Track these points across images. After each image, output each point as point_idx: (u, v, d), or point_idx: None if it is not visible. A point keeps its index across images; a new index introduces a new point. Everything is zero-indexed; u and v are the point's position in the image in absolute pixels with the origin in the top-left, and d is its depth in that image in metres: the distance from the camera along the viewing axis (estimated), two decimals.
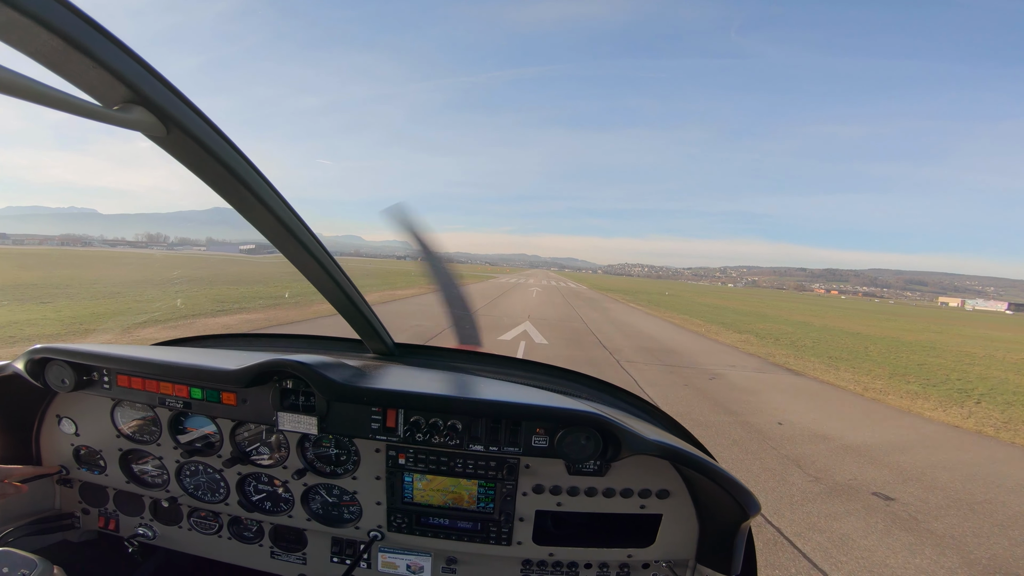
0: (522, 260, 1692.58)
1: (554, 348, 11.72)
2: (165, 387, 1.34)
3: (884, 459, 5.83)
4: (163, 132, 0.77)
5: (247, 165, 0.93)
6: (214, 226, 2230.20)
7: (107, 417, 1.51)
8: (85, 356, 1.34)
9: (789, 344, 16.92)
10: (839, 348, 17.16)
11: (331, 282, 1.37)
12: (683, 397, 8.01)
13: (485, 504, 1.40)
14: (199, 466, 1.51)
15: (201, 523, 1.57)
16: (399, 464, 1.39)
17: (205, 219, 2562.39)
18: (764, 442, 6.07)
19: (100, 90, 0.66)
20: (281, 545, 1.54)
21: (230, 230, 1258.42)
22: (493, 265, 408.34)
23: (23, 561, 1.09)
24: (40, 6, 0.51)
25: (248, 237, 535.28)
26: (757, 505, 1.19)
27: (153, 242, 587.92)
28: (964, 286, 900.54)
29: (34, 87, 0.51)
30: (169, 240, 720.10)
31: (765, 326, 23.63)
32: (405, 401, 1.27)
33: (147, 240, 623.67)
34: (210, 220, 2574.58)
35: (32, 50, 0.55)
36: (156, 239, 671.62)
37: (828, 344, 18.07)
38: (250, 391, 1.30)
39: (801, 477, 5.04)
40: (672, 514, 1.39)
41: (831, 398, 9.16)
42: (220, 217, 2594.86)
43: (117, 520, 1.61)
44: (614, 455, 1.23)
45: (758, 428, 6.64)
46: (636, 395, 1.71)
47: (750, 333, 19.43)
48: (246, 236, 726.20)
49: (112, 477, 1.56)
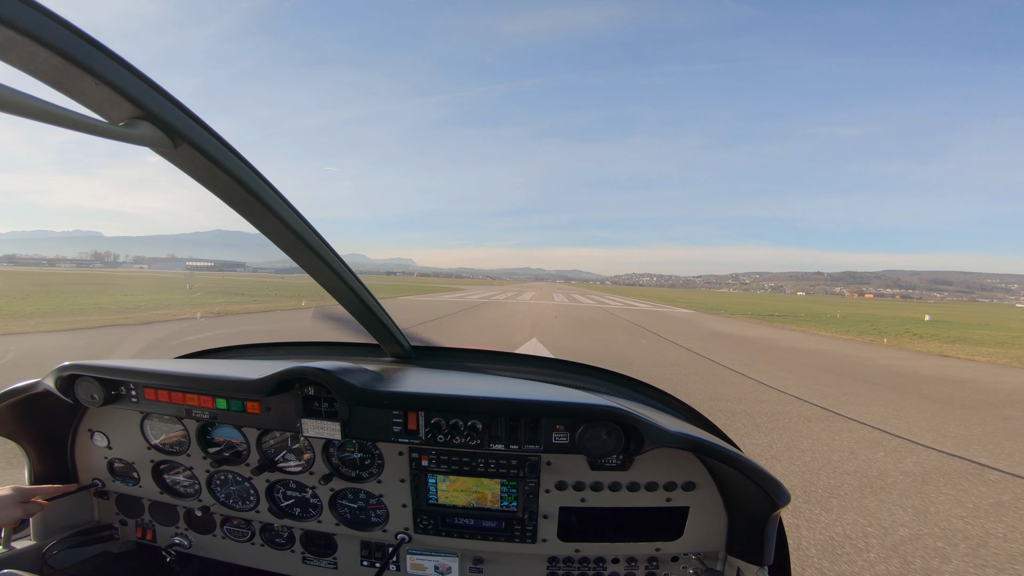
0: (527, 274, 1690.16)
1: None
2: (191, 399, 1.40)
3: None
4: (170, 146, 0.79)
5: (255, 176, 0.96)
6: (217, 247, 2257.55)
7: (137, 430, 1.58)
8: (112, 371, 1.41)
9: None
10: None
11: (346, 288, 1.44)
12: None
13: (508, 503, 1.43)
14: (229, 475, 1.57)
15: (234, 531, 1.62)
16: (422, 466, 1.42)
17: (207, 240, 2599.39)
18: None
19: (105, 107, 0.68)
20: (312, 550, 1.58)
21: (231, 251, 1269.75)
22: (494, 279, 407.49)
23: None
24: (36, 24, 0.52)
25: (242, 258, 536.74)
26: (787, 495, 1.19)
27: (98, 260, 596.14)
28: (990, 284, 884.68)
29: (40, 106, 0.53)
30: (119, 259, 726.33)
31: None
32: (425, 403, 1.31)
33: (92, 258, 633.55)
34: (211, 242, 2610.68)
35: (33, 69, 0.57)
36: (101, 257, 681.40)
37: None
38: (273, 399, 1.35)
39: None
40: (699, 506, 1.39)
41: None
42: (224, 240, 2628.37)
43: (154, 530, 1.68)
44: (637, 449, 1.24)
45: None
46: (656, 387, 1.71)
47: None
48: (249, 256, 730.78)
49: (146, 488, 1.62)
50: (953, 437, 6.29)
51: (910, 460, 5.26)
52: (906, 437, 6.16)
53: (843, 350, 16.08)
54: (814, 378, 10.16)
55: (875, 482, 4.56)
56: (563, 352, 12.16)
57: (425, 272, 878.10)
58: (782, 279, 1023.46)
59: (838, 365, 12.47)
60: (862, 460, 5.18)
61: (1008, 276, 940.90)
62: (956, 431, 6.59)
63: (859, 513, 3.88)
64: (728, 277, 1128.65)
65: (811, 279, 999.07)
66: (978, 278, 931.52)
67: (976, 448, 5.83)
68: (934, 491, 4.40)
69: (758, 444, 5.52)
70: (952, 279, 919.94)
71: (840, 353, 15.18)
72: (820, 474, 4.71)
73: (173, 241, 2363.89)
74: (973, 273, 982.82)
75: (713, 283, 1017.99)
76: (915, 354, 15.91)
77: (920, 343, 19.33)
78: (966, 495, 4.35)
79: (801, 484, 4.42)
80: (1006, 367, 13.69)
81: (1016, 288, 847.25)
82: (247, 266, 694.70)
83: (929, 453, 5.57)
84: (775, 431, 6.08)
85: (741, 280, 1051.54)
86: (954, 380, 11.00)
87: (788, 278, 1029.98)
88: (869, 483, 4.53)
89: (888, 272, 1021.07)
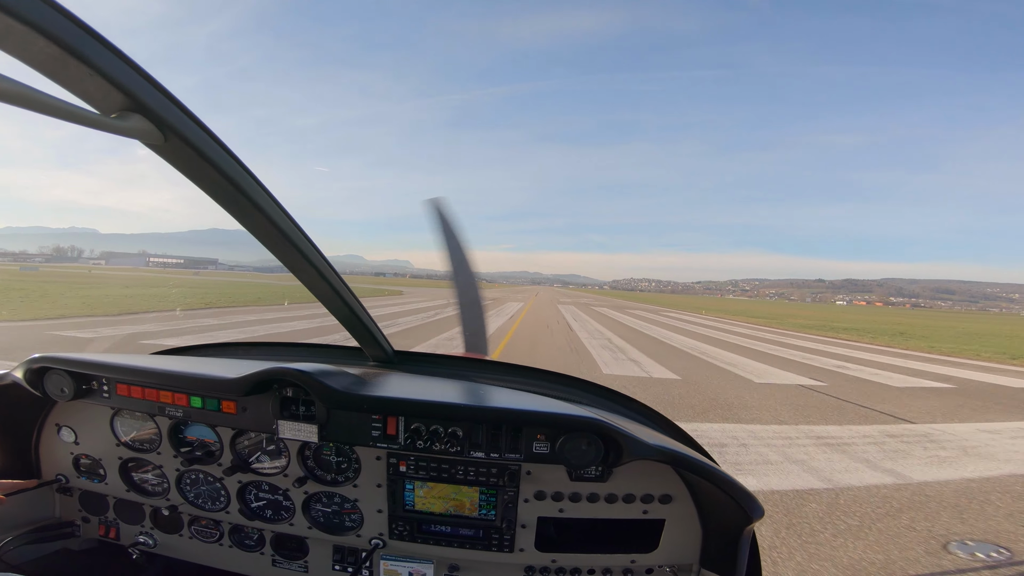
0: (524, 277, 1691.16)
1: None
2: (165, 396, 1.39)
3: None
4: (161, 140, 0.79)
5: (245, 173, 0.96)
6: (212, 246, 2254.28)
7: (107, 426, 1.57)
8: (84, 365, 1.40)
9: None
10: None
11: (330, 290, 1.43)
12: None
13: (487, 511, 1.43)
14: (199, 475, 1.56)
15: (202, 531, 1.61)
16: (400, 472, 1.42)
17: (201, 239, 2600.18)
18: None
19: (98, 98, 0.68)
20: (283, 553, 1.58)
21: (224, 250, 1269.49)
22: (489, 282, 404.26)
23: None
24: (37, 13, 0.52)
25: (233, 258, 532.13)
26: (761, 509, 1.21)
27: (60, 255, 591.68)
28: (991, 294, 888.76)
29: (32, 95, 0.53)
30: (83, 254, 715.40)
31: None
32: (405, 408, 1.31)
33: (54, 253, 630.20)
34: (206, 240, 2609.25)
35: (29, 57, 0.57)
36: (64, 252, 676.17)
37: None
38: (250, 400, 1.35)
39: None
40: (675, 519, 1.41)
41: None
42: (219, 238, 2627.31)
43: (118, 528, 1.66)
44: (615, 460, 1.25)
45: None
46: (636, 400, 1.73)
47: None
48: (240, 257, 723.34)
49: (112, 486, 1.61)
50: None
51: None
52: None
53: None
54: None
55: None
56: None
57: (418, 274, 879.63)
58: (782, 286, 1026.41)
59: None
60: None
61: (1009, 286, 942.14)
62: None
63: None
64: (727, 284, 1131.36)
65: (812, 287, 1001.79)
66: (979, 287, 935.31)
67: None
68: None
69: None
70: (954, 288, 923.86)
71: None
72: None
73: (168, 239, 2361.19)
74: (974, 282, 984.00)
75: (713, 289, 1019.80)
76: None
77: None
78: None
79: None
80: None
81: (1018, 298, 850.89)
82: (220, 264, 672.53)
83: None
84: None
85: (741, 287, 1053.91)
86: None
87: (789, 285, 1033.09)
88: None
89: (889, 280, 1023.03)
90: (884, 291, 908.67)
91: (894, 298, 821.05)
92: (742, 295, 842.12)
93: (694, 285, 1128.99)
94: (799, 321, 43.23)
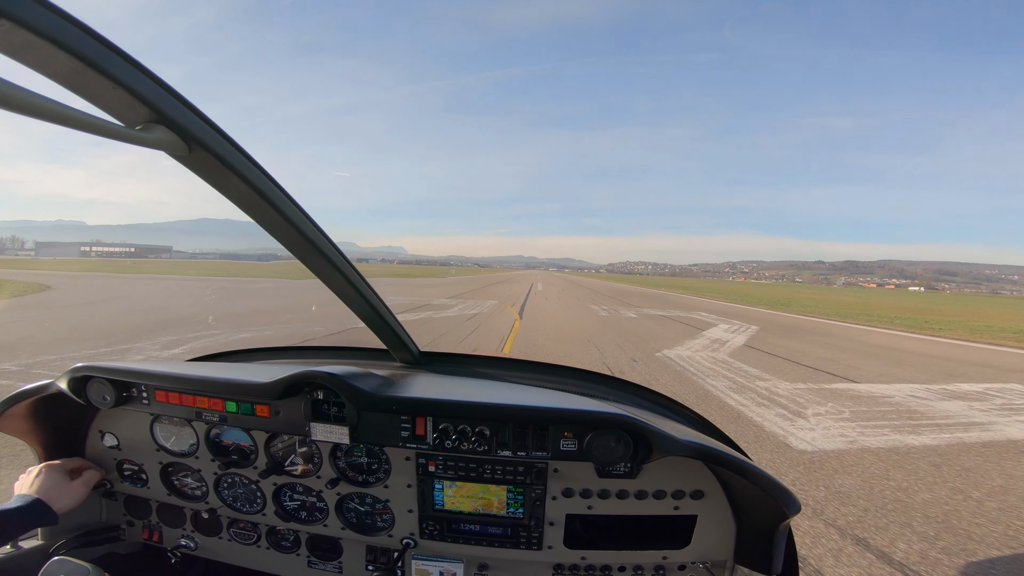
0: (519, 262, 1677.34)
1: None
2: (201, 401, 1.43)
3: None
4: (186, 151, 0.81)
5: (268, 180, 0.99)
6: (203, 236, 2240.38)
7: (147, 431, 1.61)
8: (124, 373, 1.45)
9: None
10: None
11: (356, 293, 1.46)
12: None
13: (515, 509, 1.45)
14: (236, 478, 1.60)
15: (240, 534, 1.66)
16: (429, 472, 1.45)
17: (192, 229, 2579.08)
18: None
19: (121, 110, 0.70)
20: (317, 554, 1.62)
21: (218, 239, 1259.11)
22: (483, 267, 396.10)
23: (76, 569, 1.19)
24: (56, 28, 0.54)
25: (219, 247, 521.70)
26: (797, 505, 1.21)
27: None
28: (991, 275, 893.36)
29: (58, 109, 0.54)
30: (26, 245, 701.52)
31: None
32: (433, 409, 1.34)
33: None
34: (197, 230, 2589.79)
35: (52, 72, 0.58)
36: (2, 243, 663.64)
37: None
38: (282, 403, 1.38)
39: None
40: (708, 515, 1.41)
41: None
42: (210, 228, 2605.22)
43: (160, 532, 1.71)
44: (645, 457, 1.26)
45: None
46: (665, 395, 1.74)
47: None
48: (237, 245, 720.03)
49: (154, 490, 1.66)
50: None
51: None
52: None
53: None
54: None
55: None
56: None
57: (407, 260, 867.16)
58: (783, 268, 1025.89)
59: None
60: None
61: (1007, 267, 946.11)
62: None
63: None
64: (724, 266, 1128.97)
65: (812, 268, 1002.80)
66: (979, 269, 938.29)
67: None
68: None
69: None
70: (956, 270, 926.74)
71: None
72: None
73: (157, 229, 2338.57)
74: (973, 264, 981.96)
75: (711, 271, 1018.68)
76: None
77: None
78: None
79: None
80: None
81: (1017, 279, 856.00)
82: (176, 252, 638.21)
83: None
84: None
85: (739, 269, 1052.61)
86: None
87: (789, 267, 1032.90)
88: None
89: (889, 262, 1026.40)
90: (885, 272, 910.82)
91: (896, 280, 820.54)
92: (741, 277, 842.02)
93: (691, 268, 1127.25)
94: (915, 318, 29.54)
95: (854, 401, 8.00)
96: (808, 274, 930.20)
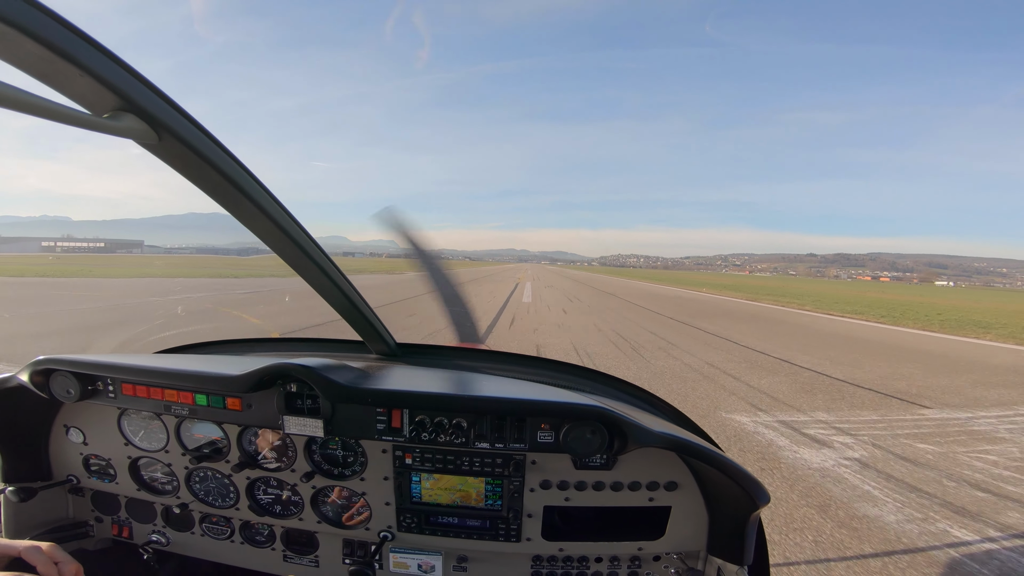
0: (510, 255, 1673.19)
1: None
2: (170, 394, 1.40)
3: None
4: (155, 139, 0.79)
5: (241, 169, 0.97)
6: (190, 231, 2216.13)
7: (114, 426, 1.58)
8: (88, 366, 1.41)
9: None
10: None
11: (330, 284, 1.44)
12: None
13: (493, 501, 1.46)
14: (208, 472, 1.58)
15: (213, 528, 1.64)
16: (406, 464, 1.45)
17: (178, 224, 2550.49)
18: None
19: (89, 99, 0.69)
20: (293, 548, 1.61)
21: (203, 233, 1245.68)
22: (474, 260, 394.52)
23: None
24: (24, 15, 0.53)
25: (206, 242, 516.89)
26: (767, 495, 1.23)
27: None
28: (981, 268, 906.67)
29: (23, 98, 0.54)
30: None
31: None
32: (409, 401, 1.33)
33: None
34: (184, 225, 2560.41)
35: (18, 60, 0.58)
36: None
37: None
38: (255, 396, 1.36)
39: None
40: (681, 506, 1.43)
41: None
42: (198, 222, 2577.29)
43: (131, 527, 1.68)
44: (620, 448, 1.27)
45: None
46: (641, 387, 1.75)
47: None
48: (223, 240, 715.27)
49: (123, 485, 1.63)
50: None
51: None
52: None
53: None
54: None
55: None
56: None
57: (396, 255, 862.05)
58: (774, 260, 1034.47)
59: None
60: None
61: (995, 260, 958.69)
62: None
63: None
64: (716, 259, 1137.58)
65: (804, 261, 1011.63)
66: (968, 261, 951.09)
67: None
68: None
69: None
70: (946, 263, 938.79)
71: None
72: None
73: (142, 224, 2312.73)
74: (963, 257, 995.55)
75: (703, 264, 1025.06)
76: None
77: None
78: None
79: None
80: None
81: (1006, 272, 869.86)
82: (145, 247, 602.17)
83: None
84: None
85: (731, 262, 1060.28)
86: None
87: (781, 260, 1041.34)
88: None
89: (879, 255, 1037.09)
90: (876, 265, 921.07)
91: (890, 272, 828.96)
92: (734, 270, 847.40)
93: (684, 260, 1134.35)
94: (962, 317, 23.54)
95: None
96: (802, 267, 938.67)
